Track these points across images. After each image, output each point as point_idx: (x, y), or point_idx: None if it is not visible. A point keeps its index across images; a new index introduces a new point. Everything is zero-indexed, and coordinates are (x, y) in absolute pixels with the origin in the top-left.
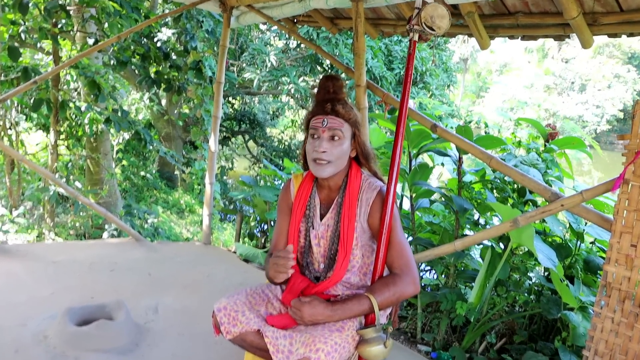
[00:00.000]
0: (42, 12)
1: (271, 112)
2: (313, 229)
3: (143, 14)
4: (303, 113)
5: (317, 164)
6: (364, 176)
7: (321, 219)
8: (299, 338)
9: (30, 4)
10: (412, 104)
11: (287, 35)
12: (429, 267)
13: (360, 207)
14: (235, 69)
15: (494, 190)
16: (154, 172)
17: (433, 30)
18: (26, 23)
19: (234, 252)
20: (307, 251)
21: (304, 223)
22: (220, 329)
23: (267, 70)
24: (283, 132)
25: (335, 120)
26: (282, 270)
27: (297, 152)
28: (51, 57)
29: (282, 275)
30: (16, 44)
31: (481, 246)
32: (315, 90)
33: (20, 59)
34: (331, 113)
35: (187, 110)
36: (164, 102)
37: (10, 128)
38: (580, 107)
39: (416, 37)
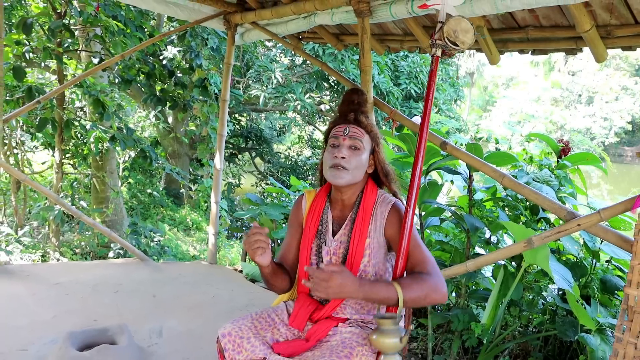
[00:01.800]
0: (46, 32)
1: (277, 129)
2: (325, 245)
3: (147, 33)
4: (309, 129)
5: (335, 169)
6: (379, 192)
7: (334, 236)
8: None
9: (35, 25)
10: (418, 120)
11: (292, 52)
12: None
13: (375, 222)
14: (241, 86)
15: (506, 208)
16: (160, 189)
17: (457, 45)
18: (30, 43)
19: (240, 272)
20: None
21: (316, 239)
22: (225, 355)
23: (273, 87)
24: (290, 149)
25: (357, 130)
26: (257, 246)
27: (304, 168)
28: (56, 76)
29: (260, 251)
30: (21, 64)
31: (493, 265)
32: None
33: (26, 78)
34: (354, 122)
35: (193, 128)
36: (170, 119)
37: (15, 147)
38: (588, 119)
39: (439, 53)
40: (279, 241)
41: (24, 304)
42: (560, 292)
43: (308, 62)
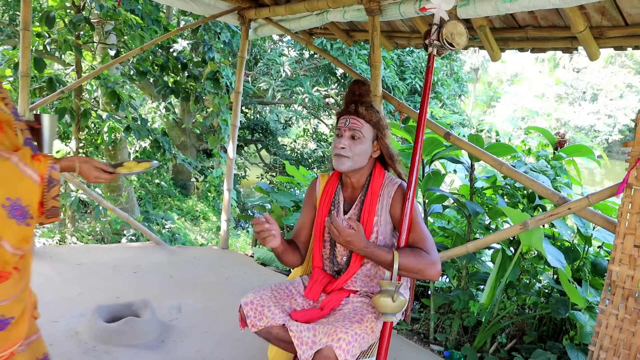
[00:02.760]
0: (67, 25)
1: (283, 121)
2: None
3: (162, 26)
4: (315, 122)
5: (337, 157)
6: (387, 175)
7: (345, 214)
8: (322, 329)
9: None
10: None
11: (300, 46)
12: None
13: (382, 201)
14: (249, 79)
15: (505, 196)
16: (168, 179)
17: (452, 46)
18: (51, 36)
19: (251, 256)
20: (332, 244)
21: (329, 218)
22: (246, 322)
23: (281, 80)
24: (295, 141)
25: (357, 121)
26: (267, 235)
27: (309, 160)
28: (72, 67)
29: (270, 239)
30: (40, 55)
31: (492, 250)
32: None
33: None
34: (353, 114)
35: (201, 119)
36: (177, 111)
37: None
38: (592, 116)
39: (435, 52)
40: (288, 228)
41: (51, 282)
42: (555, 277)
43: (316, 55)
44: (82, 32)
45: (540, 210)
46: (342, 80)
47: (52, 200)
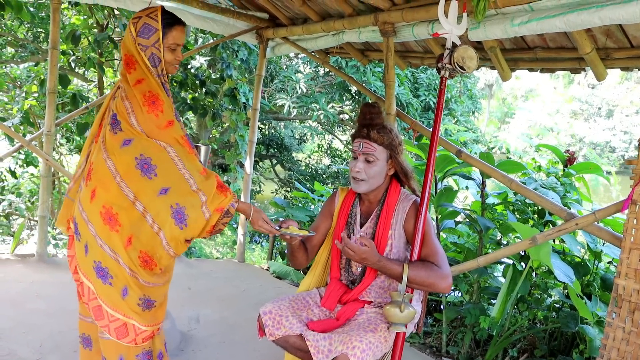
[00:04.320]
0: (92, 43)
1: (298, 137)
2: (353, 234)
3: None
4: (329, 138)
5: (354, 181)
6: (402, 191)
7: (361, 227)
8: (337, 338)
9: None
10: None
11: (316, 63)
12: (453, 286)
13: (397, 216)
14: (265, 95)
15: (515, 212)
16: None
17: (463, 69)
18: (76, 53)
19: (267, 270)
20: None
21: (345, 229)
22: (265, 331)
23: (297, 96)
24: (310, 157)
25: (370, 145)
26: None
27: (324, 176)
28: (94, 83)
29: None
30: (64, 72)
31: (503, 266)
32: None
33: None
34: (366, 137)
35: (217, 135)
36: (193, 125)
37: (54, 150)
38: (608, 133)
39: (447, 74)
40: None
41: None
42: (565, 292)
43: (331, 72)
44: (104, 50)
45: (550, 225)
46: (357, 97)
47: (221, 225)
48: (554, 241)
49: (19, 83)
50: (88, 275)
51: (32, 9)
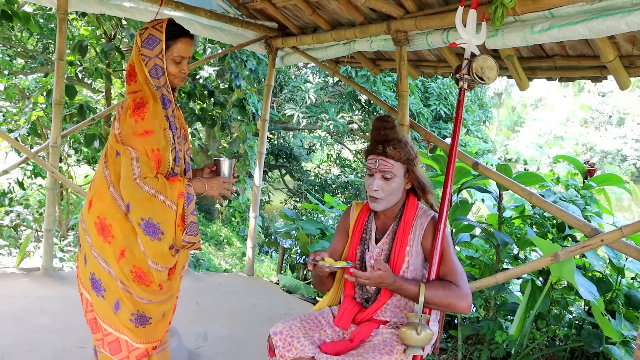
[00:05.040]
0: (99, 53)
1: (307, 147)
2: (368, 251)
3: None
4: (338, 147)
5: (372, 200)
6: (420, 206)
7: (376, 243)
8: None
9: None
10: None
11: (325, 72)
12: None
13: (414, 232)
14: (274, 105)
15: (534, 226)
16: None
17: (483, 80)
18: (83, 64)
19: (277, 284)
20: (362, 271)
21: (360, 245)
22: (275, 352)
23: (306, 106)
24: (319, 167)
25: (386, 162)
26: (322, 274)
27: (333, 186)
28: (102, 94)
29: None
30: (71, 83)
31: (520, 280)
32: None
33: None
34: (382, 154)
35: (226, 145)
36: (202, 135)
37: (61, 160)
38: (619, 141)
39: (466, 86)
40: None
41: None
42: (586, 308)
43: (340, 82)
44: (112, 60)
45: (570, 240)
46: (367, 107)
47: (190, 215)
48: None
49: (27, 94)
50: (86, 286)
51: (41, 20)
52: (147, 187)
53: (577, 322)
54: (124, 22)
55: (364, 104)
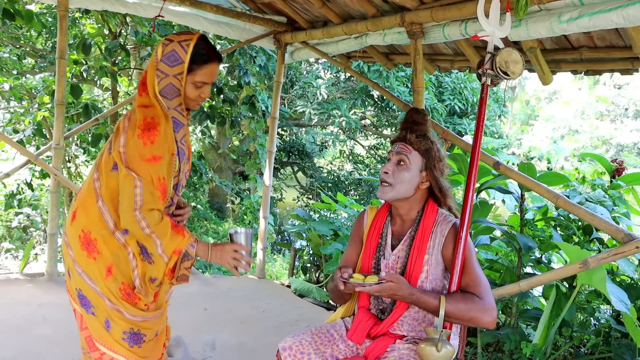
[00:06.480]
0: (103, 51)
1: (319, 143)
2: (384, 258)
3: None
4: (351, 144)
5: (381, 186)
6: (440, 211)
7: (392, 250)
8: None
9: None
10: (469, 139)
11: (337, 67)
12: None
13: (434, 239)
14: (285, 102)
15: (558, 228)
16: (204, 202)
17: (507, 75)
18: (88, 62)
19: (288, 287)
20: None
21: (376, 252)
22: None
23: (318, 103)
24: (331, 163)
25: (405, 147)
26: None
27: (346, 183)
28: (108, 93)
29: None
30: (77, 82)
31: (544, 284)
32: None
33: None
34: (403, 140)
35: (237, 143)
36: (213, 133)
37: (69, 161)
38: (635, 134)
39: (489, 82)
40: (326, 257)
41: None
42: (614, 314)
43: (352, 77)
44: (118, 58)
45: (598, 243)
46: (380, 103)
47: (184, 270)
48: None
49: (35, 94)
50: (77, 301)
51: (50, 19)
52: (144, 223)
53: (604, 329)
54: (129, 20)
55: (376, 100)
